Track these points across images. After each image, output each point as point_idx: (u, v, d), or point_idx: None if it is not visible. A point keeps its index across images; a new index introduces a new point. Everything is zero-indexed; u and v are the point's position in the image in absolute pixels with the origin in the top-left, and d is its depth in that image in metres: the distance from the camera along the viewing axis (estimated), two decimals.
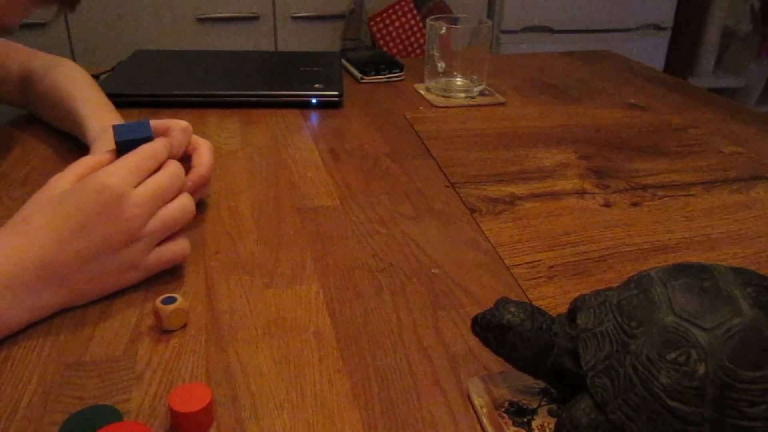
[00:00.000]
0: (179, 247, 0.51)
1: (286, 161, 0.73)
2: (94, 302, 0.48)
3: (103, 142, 0.61)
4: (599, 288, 0.39)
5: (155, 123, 0.58)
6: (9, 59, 0.79)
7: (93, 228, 0.45)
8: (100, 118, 0.67)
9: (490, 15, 2.12)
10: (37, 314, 0.45)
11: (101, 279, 0.47)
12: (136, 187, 0.48)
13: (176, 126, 0.57)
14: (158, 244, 0.50)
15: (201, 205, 0.62)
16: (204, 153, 0.59)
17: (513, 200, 0.66)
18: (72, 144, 0.74)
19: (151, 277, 0.50)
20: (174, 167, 0.51)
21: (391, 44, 1.98)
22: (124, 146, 0.50)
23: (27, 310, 0.44)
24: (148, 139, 0.51)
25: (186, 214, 0.50)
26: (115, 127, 0.51)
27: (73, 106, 0.70)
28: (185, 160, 0.58)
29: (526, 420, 0.39)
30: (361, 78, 1.03)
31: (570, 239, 0.59)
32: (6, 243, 0.44)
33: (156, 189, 0.48)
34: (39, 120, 0.81)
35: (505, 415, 0.39)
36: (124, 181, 0.47)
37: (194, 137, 0.60)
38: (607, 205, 0.65)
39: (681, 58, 2.50)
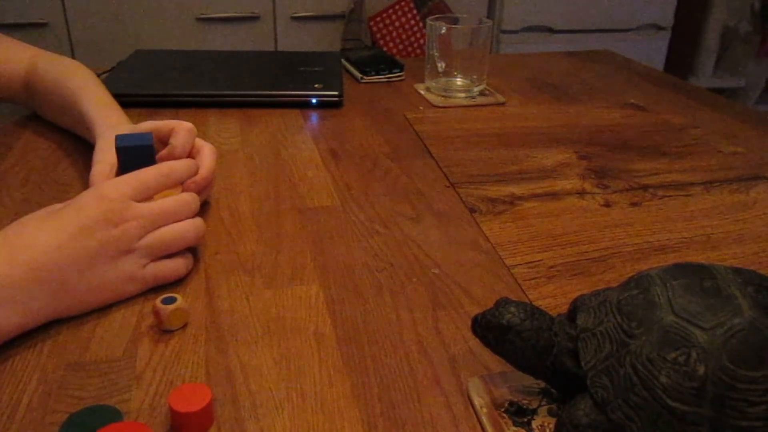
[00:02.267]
0: (177, 266, 0.51)
1: (286, 161, 0.73)
2: None
3: (108, 139, 0.61)
4: (599, 288, 0.39)
5: (159, 123, 0.58)
6: (14, 57, 0.79)
7: (91, 233, 0.45)
8: (106, 116, 0.67)
9: (490, 15, 2.12)
10: (32, 318, 0.44)
11: (99, 288, 0.47)
12: (141, 203, 0.48)
13: (181, 127, 0.57)
14: (160, 259, 0.50)
15: (202, 206, 0.62)
16: (207, 156, 0.59)
17: (513, 200, 0.66)
18: (73, 144, 0.74)
19: None
20: (188, 197, 0.52)
21: (391, 44, 1.98)
22: (124, 153, 0.51)
23: (20, 311, 0.43)
24: (148, 147, 0.52)
25: (183, 238, 0.50)
26: (117, 136, 0.52)
27: (79, 104, 0.70)
28: None
29: (526, 420, 0.39)
30: (361, 78, 1.03)
31: (570, 239, 0.59)
32: None
33: (159, 210, 0.49)
34: (39, 120, 0.81)
35: (505, 415, 0.39)
36: (125, 194, 0.48)
37: (197, 140, 0.60)
38: (607, 205, 0.65)
39: (681, 58, 2.50)
